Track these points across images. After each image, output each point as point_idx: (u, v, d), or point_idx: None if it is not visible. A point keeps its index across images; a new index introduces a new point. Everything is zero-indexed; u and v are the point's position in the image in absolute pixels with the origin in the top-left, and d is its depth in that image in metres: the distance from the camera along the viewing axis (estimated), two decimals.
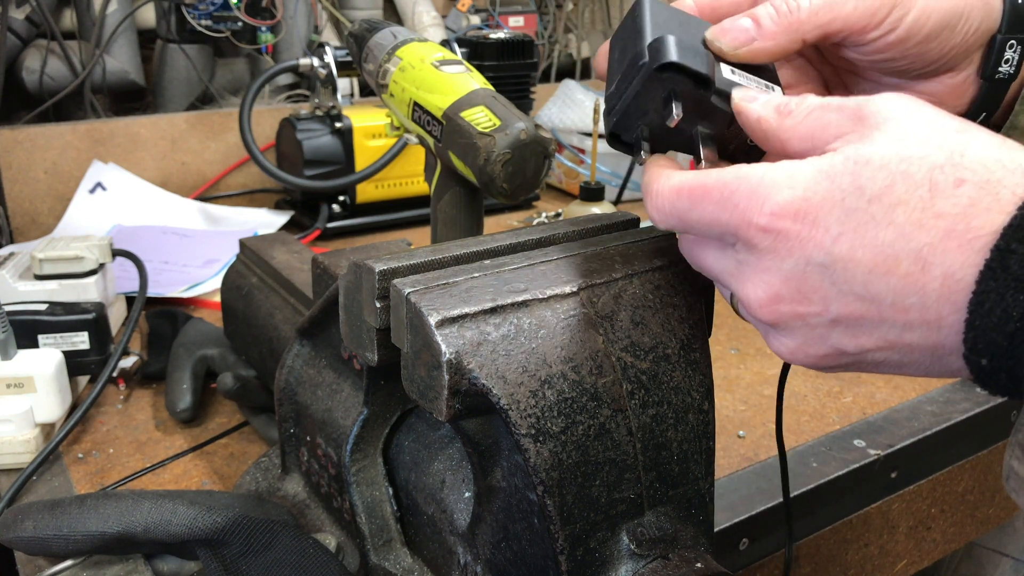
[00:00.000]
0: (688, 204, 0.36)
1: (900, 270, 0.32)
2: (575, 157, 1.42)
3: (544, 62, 1.94)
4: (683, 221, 0.37)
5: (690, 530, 0.43)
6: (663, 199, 0.37)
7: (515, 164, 0.62)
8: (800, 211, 0.33)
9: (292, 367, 0.59)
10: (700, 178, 0.36)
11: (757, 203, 0.34)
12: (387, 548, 0.53)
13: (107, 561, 0.53)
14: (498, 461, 0.42)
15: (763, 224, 0.34)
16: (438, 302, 0.39)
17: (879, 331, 0.33)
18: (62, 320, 0.75)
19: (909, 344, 0.33)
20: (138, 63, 1.49)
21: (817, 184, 0.33)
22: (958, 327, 0.32)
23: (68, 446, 0.73)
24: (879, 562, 0.79)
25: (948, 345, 0.32)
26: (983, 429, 0.81)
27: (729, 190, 0.35)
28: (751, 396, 0.81)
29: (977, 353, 0.31)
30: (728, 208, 0.35)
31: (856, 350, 0.35)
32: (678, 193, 0.36)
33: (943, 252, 0.31)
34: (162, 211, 1.28)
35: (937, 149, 0.32)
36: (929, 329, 0.32)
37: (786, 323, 0.35)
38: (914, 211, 0.31)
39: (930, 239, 0.31)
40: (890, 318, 0.33)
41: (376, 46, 0.73)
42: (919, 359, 0.34)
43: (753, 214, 0.34)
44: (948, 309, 0.31)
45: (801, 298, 0.34)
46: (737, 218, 0.34)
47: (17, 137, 1.23)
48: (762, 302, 0.35)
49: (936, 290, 0.31)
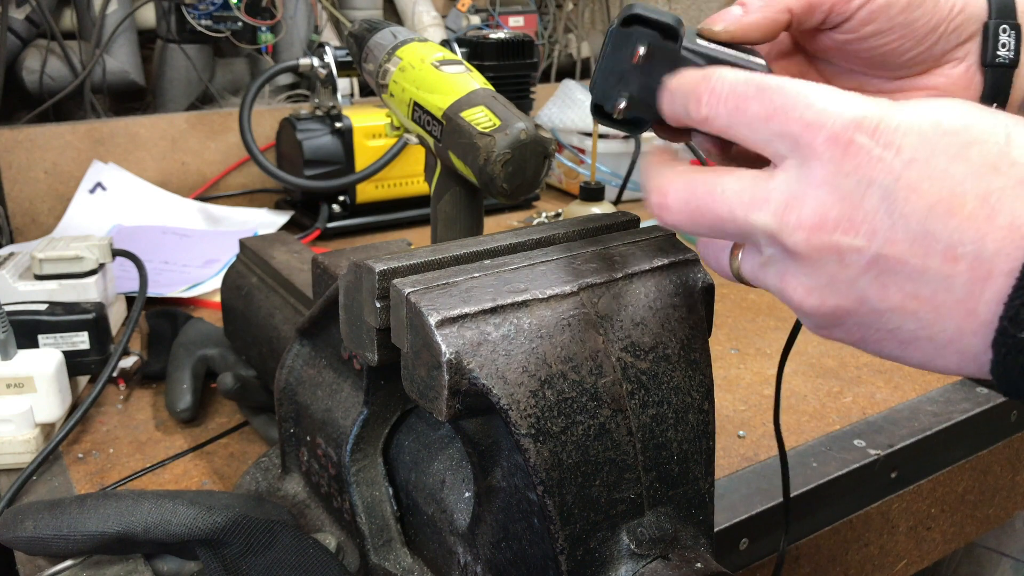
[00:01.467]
0: (754, 92, 0.33)
1: (964, 211, 0.29)
2: (575, 157, 1.42)
3: (544, 62, 1.94)
4: (739, 109, 0.33)
5: (690, 530, 0.43)
6: (726, 82, 0.34)
7: (515, 164, 0.62)
8: (878, 128, 0.30)
9: (292, 367, 0.59)
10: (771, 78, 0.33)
11: (836, 107, 0.31)
12: (387, 548, 0.53)
13: (107, 561, 0.53)
14: (498, 461, 0.42)
15: (836, 131, 0.31)
16: (438, 302, 0.39)
17: (914, 283, 0.31)
18: (62, 320, 0.75)
19: (940, 305, 0.30)
20: (138, 63, 1.49)
21: (897, 110, 0.31)
22: (1004, 291, 0.29)
23: (68, 446, 0.73)
24: (879, 562, 0.79)
25: (983, 314, 0.30)
26: (983, 429, 0.81)
27: (805, 91, 0.32)
28: (751, 396, 0.82)
29: (1016, 324, 0.29)
30: (799, 107, 0.32)
31: (879, 304, 0.32)
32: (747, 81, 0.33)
33: (1014, 200, 0.29)
34: (162, 211, 1.28)
35: (1006, 117, 0.31)
36: (972, 288, 0.30)
37: (819, 256, 0.32)
38: (990, 153, 0.30)
39: (1002, 184, 0.29)
40: (934, 267, 0.30)
41: (376, 46, 0.73)
42: (939, 331, 0.31)
43: (829, 117, 0.31)
44: (1003, 266, 0.29)
45: (849, 226, 0.31)
46: (809, 118, 0.31)
47: (17, 137, 1.23)
48: (805, 222, 0.31)
49: (996, 241, 0.29)
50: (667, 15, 0.40)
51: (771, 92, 0.32)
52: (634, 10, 0.39)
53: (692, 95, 0.35)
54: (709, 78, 0.35)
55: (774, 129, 0.32)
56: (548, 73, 1.98)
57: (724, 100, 0.34)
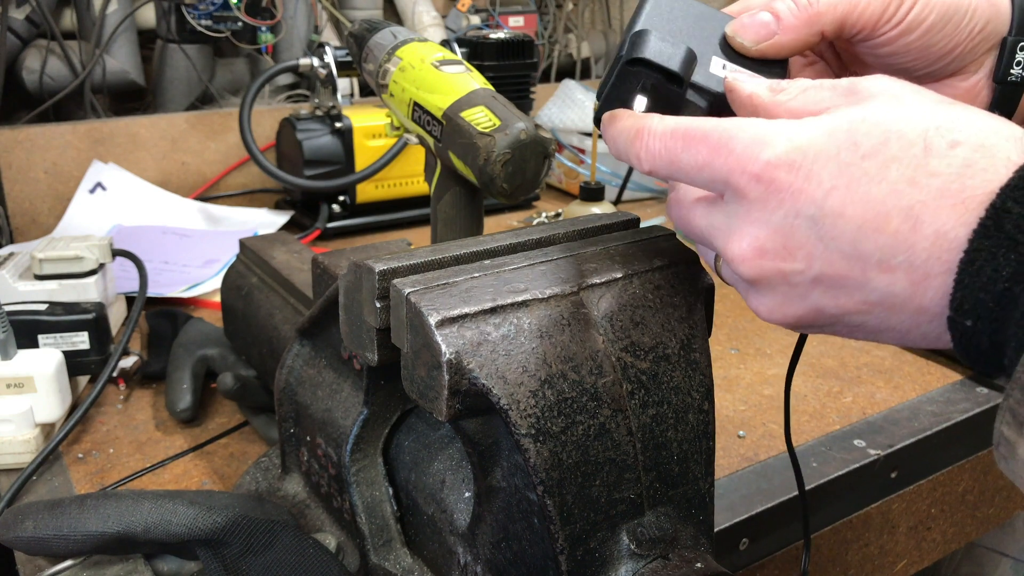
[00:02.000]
0: (682, 146, 0.36)
1: (890, 227, 0.31)
2: (575, 157, 1.42)
3: (544, 62, 1.94)
4: (673, 164, 0.36)
5: (690, 530, 0.43)
6: (655, 139, 0.37)
7: (515, 164, 0.62)
8: (795, 163, 0.33)
9: (292, 367, 0.59)
10: (697, 122, 0.36)
11: (753, 151, 0.33)
12: (387, 548, 0.53)
13: (107, 561, 0.53)
14: (498, 461, 0.42)
15: (757, 171, 0.33)
16: (438, 302, 0.39)
17: (861, 292, 0.33)
18: (62, 320, 0.75)
19: (891, 307, 0.33)
20: (138, 63, 1.49)
21: (814, 138, 0.33)
22: (945, 288, 0.31)
23: (68, 446, 0.73)
24: (879, 562, 0.79)
25: (931, 308, 0.32)
26: (983, 429, 0.81)
27: (727, 136, 0.34)
28: (751, 396, 0.82)
29: (962, 314, 0.31)
30: (723, 153, 0.34)
31: (835, 311, 0.34)
32: (673, 134, 0.36)
33: (936, 210, 0.31)
34: (162, 211, 1.28)
35: (931, 114, 0.32)
36: (914, 290, 0.32)
37: (768, 280, 0.35)
38: (907, 168, 0.31)
39: (923, 197, 0.31)
40: (874, 278, 0.32)
41: (376, 46, 0.73)
42: (898, 323, 0.34)
43: (748, 161, 0.33)
44: (937, 268, 0.31)
45: (786, 254, 0.34)
46: (731, 164, 0.34)
47: (17, 137, 1.23)
48: (746, 255, 0.35)
49: (926, 249, 0.31)
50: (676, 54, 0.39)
51: (697, 143, 0.35)
52: (638, 53, 0.39)
53: (632, 152, 0.38)
54: (641, 135, 0.37)
55: (707, 176, 0.35)
56: (548, 73, 1.98)
57: (658, 156, 0.37)
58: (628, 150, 0.38)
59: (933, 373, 0.86)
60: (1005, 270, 0.29)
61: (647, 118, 0.38)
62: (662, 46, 0.39)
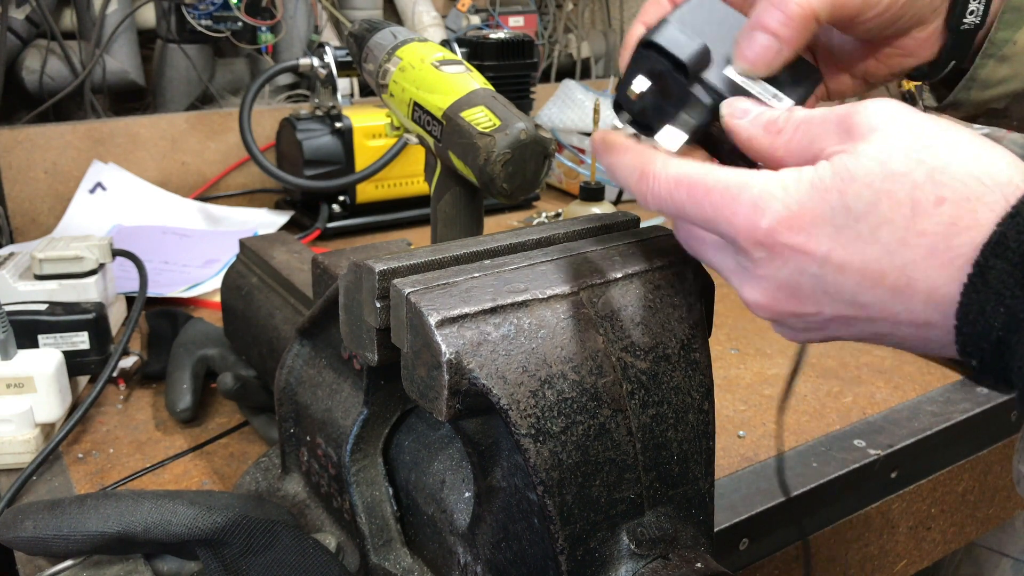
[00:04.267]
0: (686, 198, 0.37)
1: (887, 283, 0.34)
2: (575, 157, 1.42)
3: (544, 62, 1.94)
4: (678, 211, 0.38)
5: (690, 530, 0.43)
6: (660, 185, 0.38)
7: (515, 164, 0.62)
8: (794, 227, 0.34)
9: (292, 367, 0.59)
10: (702, 175, 0.37)
11: (755, 217, 0.35)
12: (387, 548, 0.53)
13: (107, 561, 0.53)
14: (498, 461, 0.42)
15: (759, 239, 0.35)
16: (438, 302, 0.39)
17: (872, 327, 0.36)
18: (62, 320, 0.75)
19: (903, 337, 0.36)
20: (138, 63, 1.49)
21: (809, 200, 0.34)
22: (949, 329, 0.33)
23: (68, 446, 0.73)
24: (879, 562, 0.79)
25: (941, 340, 0.35)
26: (983, 429, 0.81)
27: (730, 196, 0.36)
28: (751, 396, 0.81)
29: (968, 355, 0.33)
30: (727, 215, 0.36)
31: (851, 337, 0.38)
32: (677, 183, 0.37)
33: (926, 269, 0.33)
34: (162, 211, 1.28)
35: (918, 165, 0.33)
36: (920, 329, 0.35)
37: (784, 320, 0.38)
38: (898, 230, 0.33)
39: (914, 256, 0.33)
40: (880, 319, 0.35)
41: (376, 46, 0.73)
42: (911, 346, 0.37)
43: (750, 228, 0.35)
44: (937, 318, 0.34)
45: (797, 301, 0.36)
46: (736, 228, 0.36)
47: (17, 137, 1.23)
48: (760, 304, 0.37)
49: (922, 301, 0.33)
50: (688, 46, 0.39)
51: (701, 198, 0.36)
52: (651, 36, 0.40)
53: (637, 192, 0.39)
54: (647, 178, 0.38)
55: (713, 230, 0.37)
56: (548, 73, 1.98)
57: (664, 201, 0.38)
58: (633, 187, 0.39)
59: (933, 373, 0.86)
60: (996, 321, 0.32)
61: (651, 158, 0.39)
62: (678, 36, 0.40)
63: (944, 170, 0.33)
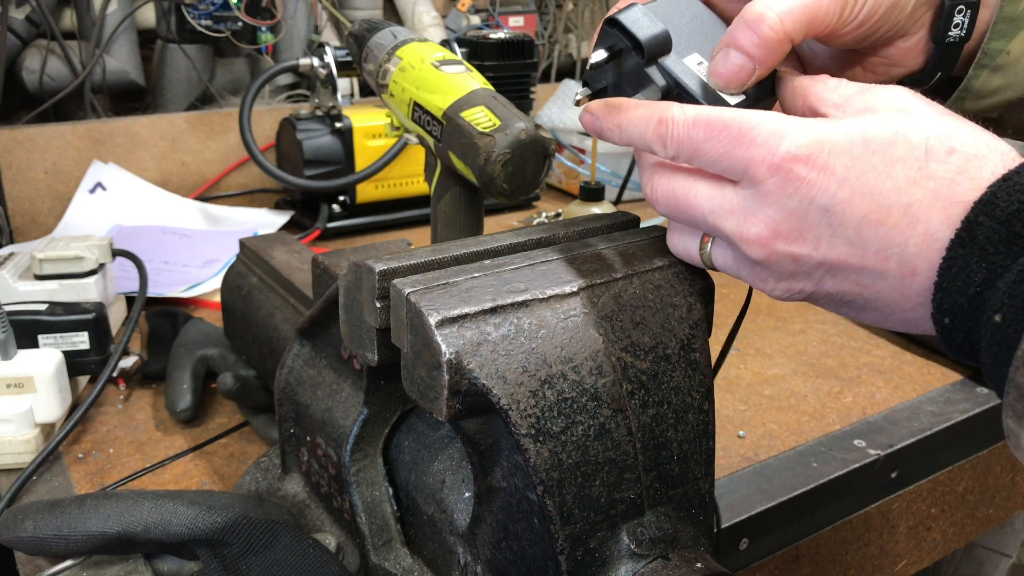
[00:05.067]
0: (704, 135, 0.38)
1: (890, 221, 0.35)
2: (575, 157, 1.42)
3: (544, 62, 1.94)
4: (695, 151, 0.38)
5: (690, 530, 0.43)
6: (679, 127, 0.38)
7: (515, 164, 0.62)
8: (812, 155, 0.35)
9: (292, 367, 0.59)
10: (719, 113, 0.38)
11: (775, 142, 0.36)
12: (387, 548, 0.53)
13: (107, 561, 0.53)
14: (498, 461, 0.42)
15: (776, 162, 0.36)
16: (438, 302, 0.39)
17: (857, 276, 0.37)
18: (62, 320, 0.75)
19: (880, 290, 0.37)
20: (138, 63, 1.49)
21: (830, 133, 0.36)
22: (928, 285, 0.35)
23: (68, 446, 0.73)
24: (879, 562, 0.79)
25: (915, 299, 0.36)
26: (983, 429, 0.81)
27: (748, 126, 0.37)
28: (751, 396, 0.82)
29: (942, 312, 0.35)
30: (744, 144, 0.36)
31: (832, 289, 0.38)
32: (695, 123, 0.38)
33: (928, 210, 0.34)
34: (162, 211, 1.28)
35: (933, 123, 0.36)
36: (903, 280, 0.36)
37: (776, 261, 0.38)
38: (910, 169, 0.35)
39: (920, 196, 0.34)
40: (871, 265, 0.36)
41: (376, 46, 0.73)
42: (883, 306, 0.38)
43: (768, 153, 0.36)
44: (923, 265, 0.35)
45: (797, 236, 0.37)
46: (752, 154, 0.36)
47: (17, 137, 1.23)
48: (761, 237, 0.37)
49: (916, 245, 0.35)
50: (649, 28, 0.41)
51: (718, 131, 0.37)
52: (617, 15, 0.42)
53: (654, 140, 0.40)
54: (665, 123, 0.39)
55: (727, 163, 0.38)
56: (548, 73, 1.97)
57: (682, 143, 0.39)
58: (650, 136, 0.40)
59: (933, 373, 0.86)
60: (977, 276, 0.33)
61: (666, 106, 0.39)
62: (641, 18, 0.41)
63: (956, 129, 0.35)
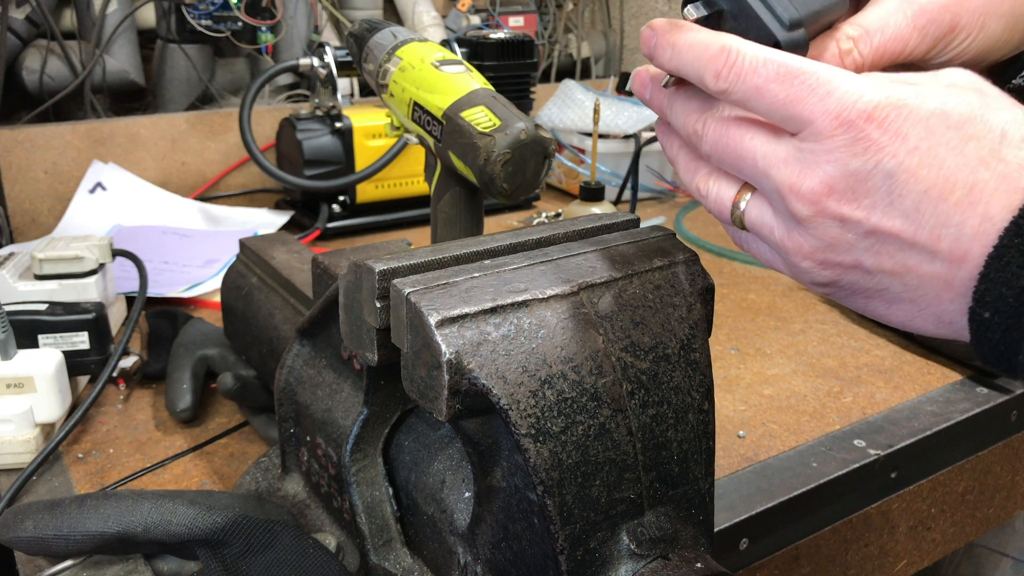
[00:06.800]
0: (774, 76, 0.35)
1: (952, 198, 0.33)
2: (575, 157, 1.42)
3: (544, 62, 1.94)
4: (756, 90, 0.36)
5: (690, 530, 0.43)
6: (747, 61, 0.36)
7: (515, 164, 0.62)
8: (887, 118, 0.34)
9: (292, 367, 0.59)
10: (795, 60, 0.36)
11: (852, 98, 0.34)
12: (387, 548, 0.53)
13: (107, 561, 0.53)
14: (498, 461, 0.42)
15: (851, 118, 0.34)
16: (438, 302, 0.39)
17: (904, 253, 0.35)
18: (62, 320, 0.75)
19: (924, 275, 0.35)
20: (138, 63, 1.49)
21: (910, 99, 0.34)
22: (974, 272, 0.33)
23: (68, 446, 0.73)
24: (879, 562, 0.79)
25: (957, 288, 0.34)
26: (983, 429, 0.81)
27: (826, 78, 0.35)
28: (751, 396, 0.82)
29: (982, 305, 0.33)
30: (819, 94, 0.34)
31: (872, 267, 0.36)
32: (766, 63, 0.36)
33: (992, 193, 0.33)
34: (162, 211, 1.28)
35: (1010, 108, 0.34)
36: (951, 266, 0.34)
37: (822, 221, 0.36)
38: (983, 149, 0.33)
39: (987, 177, 0.33)
40: (922, 242, 0.34)
41: (376, 46, 0.73)
42: (921, 296, 0.36)
43: (843, 108, 0.34)
44: (976, 250, 0.33)
45: (852, 198, 0.35)
46: (826, 105, 0.34)
47: (17, 137, 1.23)
48: (814, 191, 0.35)
49: (973, 227, 0.33)
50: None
51: (792, 77, 0.35)
52: None
53: (709, 67, 0.37)
54: (728, 53, 0.36)
55: (791, 111, 0.35)
56: (548, 73, 1.98)
57: (743, 79, 0.36)
58: (708, 63, 0.37)
59: (933, 373, 0.86)
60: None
61: (732, 38, 0.37)
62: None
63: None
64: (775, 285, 1.08)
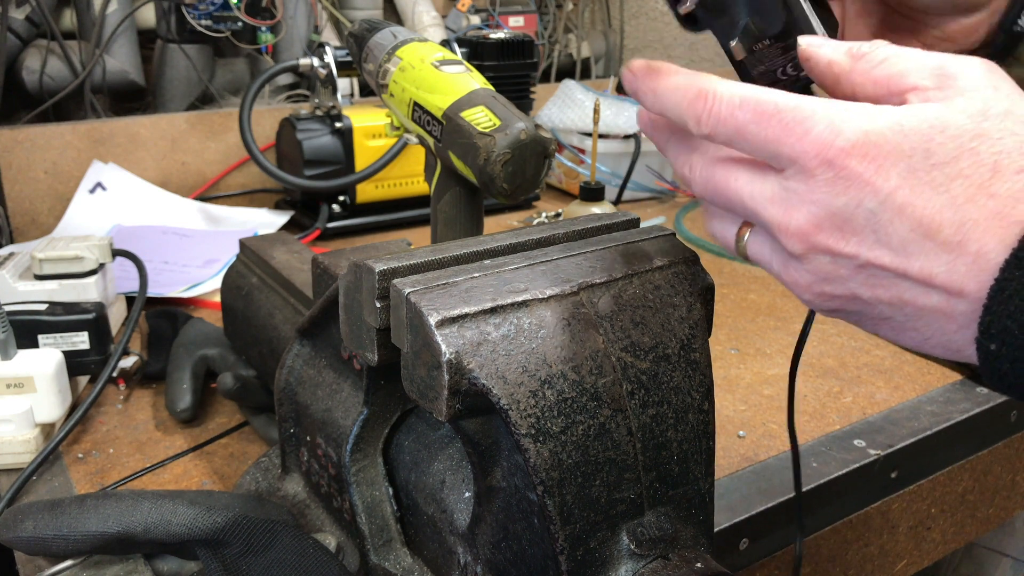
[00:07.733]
0: (751, 118, 0.35)
1: (940, 237, 0.33)
2: (575, 157, 1.42)
3: (544, 62, 1.94)
4: (737, 132, 0.36)
5: (690, 530, 0.43)
6: (723, 105, 0.36)
7: (515, 164, 0.62)
8: (868, 155, 0.33)
9: (292, 367, 0.59)
10: (770, 96, 0.35)
11: (831, 136, 0.33)
12: (387, 548, 0.53)
13: (107, 561, 0.53)
14: (498, 461, 0.42)
15: (830, 157, 0.33)
16: (438, 302, 0.39)
17: (899, 287, 0.34)
18: (62, 320, 0.75)
19: (923, 307, 0.34)
20: (138, 63, 1.49)
21: (892, 134, 0.33)
22: (976, 307, 0.33)
23: (68, 446, 0.73)
24: (879, 562, 0.79)
25: (960, 321, 0.34)
26: (983, 429, 0.81)
27: (803, 115, 0.34)
28: (751, 396, 0.82)
29: (988, 337, 0.32)
30: (796, 134, 0.34)
31: (869, 299, 0.36)
32: (742, 102, 0.35)
33: (984, 230, 0.32)
34: (162, 211, 1.28)
35: (1011, 136, 0.33)
36: (948, 299, 0.33)
37: (815, 256, 0.35)
38: (971, 187, 0.32)
39: (977, 216, 0.32)
40: (914, 276, 0.34)
41: (376, 46, 0.73)
42: (924, 326, 0.35)
43: (822, 146, 0.34)
44: (973, 286, 0.32)
45: (840, 236, 0.34)
46: (805, 146, 0.34)
47: (17, 137, 1.23)
48: (802, 229, 0.35)
49: (966, 265, 0.32)
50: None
51: (768, 118, 0.35)
52: None
53: (689, 113, 0.37)
54: (705, 97, 0.36)
55: (773, 151, 0.35)
56: (548, 73, 1.98)
57: (723, 123, 0.36)
58: (686, 108, 0.37)
59: (933, 373, 0.86)
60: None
61: (708, 80, 0.37)
62: None
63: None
64: (775, 285, 1.08)
